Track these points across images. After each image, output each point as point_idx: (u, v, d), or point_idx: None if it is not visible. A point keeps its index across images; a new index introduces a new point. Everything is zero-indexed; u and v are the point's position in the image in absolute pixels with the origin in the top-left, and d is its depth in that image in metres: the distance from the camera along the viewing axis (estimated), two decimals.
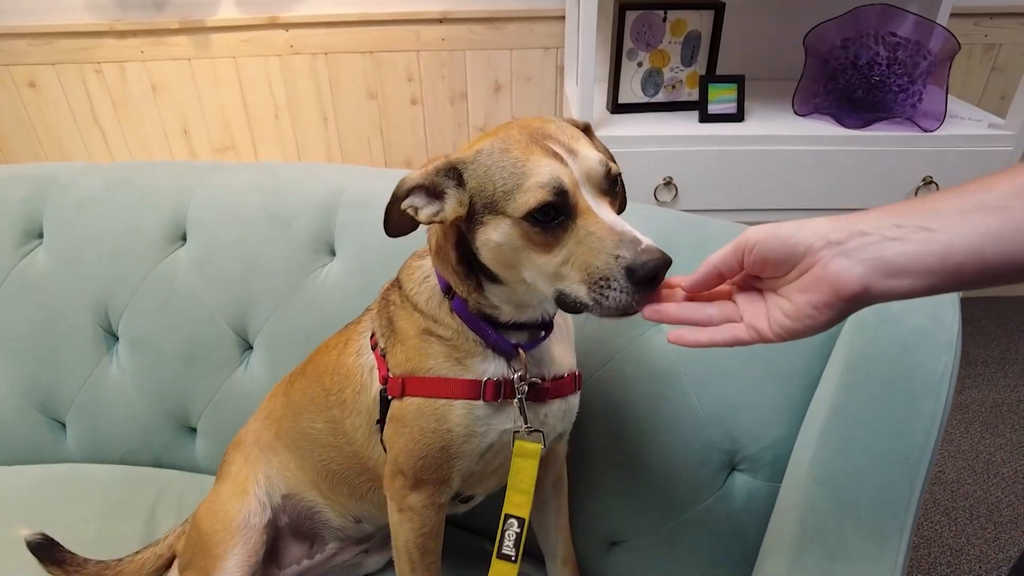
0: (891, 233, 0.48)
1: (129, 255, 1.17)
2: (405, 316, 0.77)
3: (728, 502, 0.90)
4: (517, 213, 0.61)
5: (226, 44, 2.06)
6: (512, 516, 0.73)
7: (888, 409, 0.75)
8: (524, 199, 0.60)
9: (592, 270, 0.59)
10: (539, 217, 0.60)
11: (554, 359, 0.78)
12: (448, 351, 0.74)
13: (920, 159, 1.54)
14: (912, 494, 0.71)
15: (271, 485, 0.94)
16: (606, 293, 0.58)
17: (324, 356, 0.89)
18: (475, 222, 0.65)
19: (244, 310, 1.13)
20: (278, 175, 1.16)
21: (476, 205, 0.64)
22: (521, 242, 0.62)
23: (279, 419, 0.94)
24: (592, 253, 0.59)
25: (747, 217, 1.62)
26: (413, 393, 0.75)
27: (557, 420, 0.80)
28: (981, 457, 1.91)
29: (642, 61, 1.66)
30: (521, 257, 0.64)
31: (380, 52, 2.06)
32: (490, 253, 0.66)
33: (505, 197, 0.62)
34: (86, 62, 2.07)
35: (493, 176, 0.63)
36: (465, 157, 0.65)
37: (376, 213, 1.00)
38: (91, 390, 1.21)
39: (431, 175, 0.66)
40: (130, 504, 1.14)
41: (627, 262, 0.57)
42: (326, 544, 0.95)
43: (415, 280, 0.78)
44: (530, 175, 0.60)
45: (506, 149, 0.63)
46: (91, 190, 1.19)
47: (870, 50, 1.59)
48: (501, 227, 0.63)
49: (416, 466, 0.76)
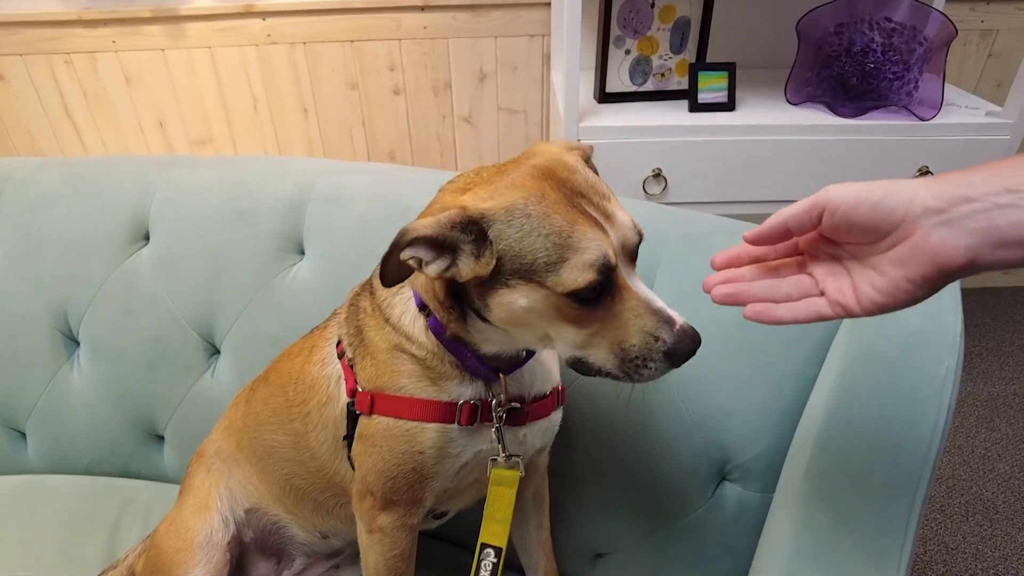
0: (1003, 199, 0.43)
1: (89, 256, 1.11)
2: (375, 327, 0.71)
3: (718, 513, 0.85)
4: (560, 288, 0.56)
5: (201, 33, 1.99)
6: (489, 545, 0.69)
7: (887, 416, 0.70)
8: (571, 277, 0.55)
9: (627, 347, 0.58)
10: (582, 296, 0.56)
11: (536, 377, 0.73)
12: (421, 371, 0.68)
13: (916, 148, 1.51)
14: (913, 508, 0.67)
15: (234, 499, 0.89)
16: (641, 371, 0.58)
17: (288, 363, 0.84)
18: (496, 283, 0.58)
19: (209, 313, 1.08)
20: (244, 169, 1.10)
21: (503, 268, 0.57)
22: (551, 313, 0.58)
23: (240, 429, 0.89)
24: (629, 332, 0.58)
25: (738, 209, 1.58)
26: (382, 412, 0.69)
27: (536, 438, 0.76)
28: (976, 452, 1.87)
29: (630, 48, 1.61)
30: (544, 324, 0.59)
31: (360, 41, 2.00)
32: (506, 314, 0.59)
33: (547, 269, 0.56)
34: (55, 53, 2.00)
35: (534, 244, 0.56)
36: (491, 213, 0.56)
37: (347, 209, 0.95)
38: (51, 398, 1.16)
39: (443, 228, 0.56)
40: (93, 517, 1.08)
41: (666, 347, 0.57)
42: (293, 560, 0.91)
43: (388, 290, 0.71)
44: (577, 250, 0.55)
45: (547, 214, 0.56)
46: (47, 188, 1.13)
47: (864, 36, 1.55)
48: (533, 296, 0.57)
49: (386, 487, 0.71)
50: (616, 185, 1.64)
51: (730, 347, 0.83)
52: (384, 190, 1.03)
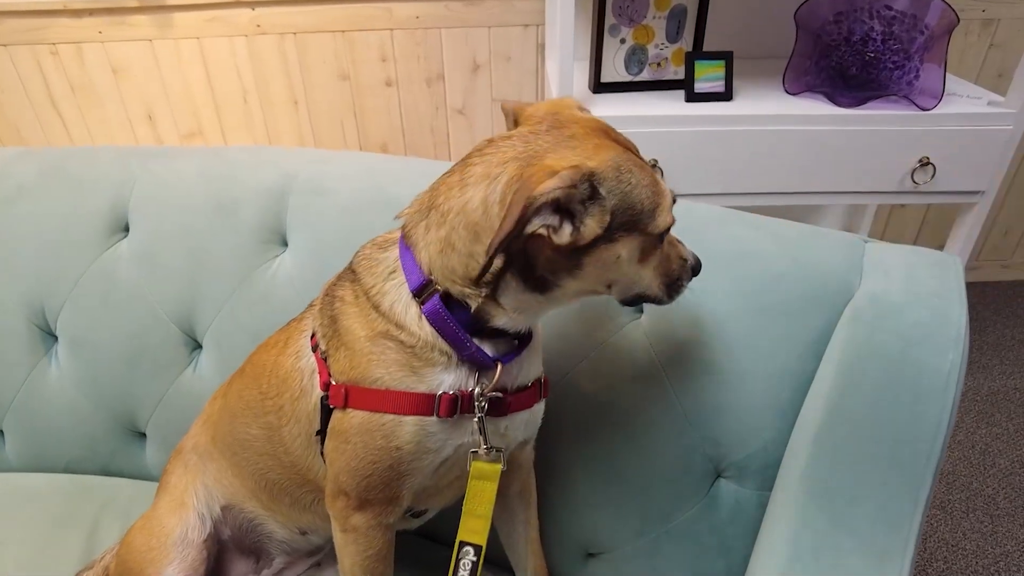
0: None
1: (66, 248, 1.08)
2: (356, 315, 0.68)
3: (713, 512, 0.83)
4: (657, 231, 0.62)
5: (189, 24, 1.95)
6: (467, 543, 0.66)
7: (889, 412, 0.68)
8: (664, 219, 0.62)
9: (671, 273, 0.68)
10: (664, 235, 0.65)
11: (522, 367, 0.71)
12: (405, 358, 0.65)
13: (917, 138, 1.48)
14: (916, 508, 0.64)
15: (210, 496, 0.87)
16: (679, 288, 0.70)
17: (263, 355, 0.81)
18: (602, 239, 0.60)
19: (191, 306, 1.05)
20: (225, 160, 1.07)
21: (612, 223, 0.59)
22: (638, 257, 0.63)
23: (216, 423, 0.87)
24: (671, 260, 0.68)
25: (735, 201, 1.55)
26: (357, 406, 0.66)
27: (518, 431, 0.73)
28: (977, 448, 1.85)
29: (625, 37, 1.57)
30: (631, 270, 0.64)
31: (352, 31, 1.97)
32: (600, 271, 0.62)
33: (648, 216, 0.61)
34: (40, 43, 1.96)
35: (640, 195, 0.60)
36: (600, 171, 0.58)
37: (332, 199, 0.90)
38: (29, 394, 1.13)
39: (569, 187, 0.55)
40: (72, 517, 1.05)
41: (692, 264, 0.70)
42: (273, 559, 0.88)
43: (378, 275, 0.68)
44: (663, 194, 0.63)
45: (641, 166, 0.62)
46: (23, 178, 1.10)
47: (864, 25, 1.52)
48: (632, 244, 0.62)
49: (360, 485, 0.68)
50: None
51: (725, 340, 0.80)
52: (369, 179, 1.00)
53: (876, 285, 0.76)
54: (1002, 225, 2.40)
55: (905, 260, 0.79)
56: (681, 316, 0.82)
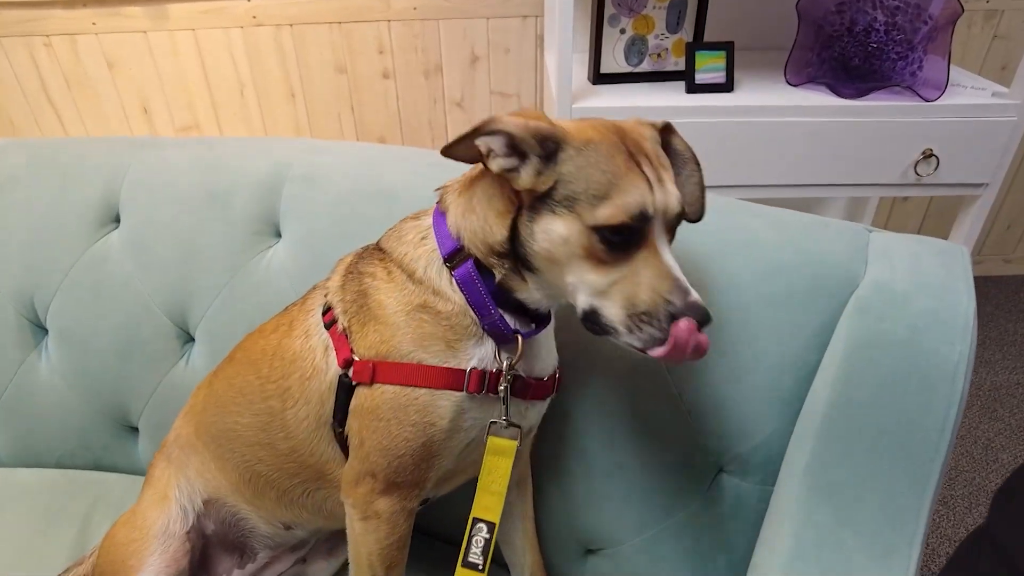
0: None
1: (56, 239, 1.06)
2: (391, 290, 0.68)
3: (714, 507, 0.81)
4: (592, 221, 0.59)
5: (184, 15, 1.93)
6: (481, 520, 0.66)
7: (895, 404, 0.66)
8: (606, 212, 0.58)
9: (637, 302, 0.59)
10: (609, 236, 0.59)
11: (540, 357, 0.71)
12: (442, 331, 0.66)
13: (920, 130, 1.46)
14: (923, 502, 0.62)
15: (192, 488, 0.85)
16: (643, 327, 0.59)
17: (260, 341, 0.79)
18: (544, 206, 0.61)
19: (183, 298, 1.03)
20: (217, 149, 1.05)
21: (556, 191, 0.60)
22: (581, 250, 0.60)
23: (200, 413, 0.85)
24: (643, 288, 0.59)
25: (737, 193, 1.53)
26: (385, 380, 0.66)
27: (535, 418, 0.74)
28: (980, 442, 1.84)
29: (625, 28, 1.55)
30: (573, 263, 0.61)
31: (349, 23, 1.95)
32: (544, 244, 0.61)
33: (590, 201, 0.59)
34: (33, 35, 1.94)
35: (590, 176, 0.59)
36: (570, 138, 0.60)
37: (325, 189, 0.90)
38: (19, 388, 1.11)
39: (528, 132, 0.59)
40: (63, 513, 1.04)
41: (674, 309, 0.58)
42: (256, 554, 0.86)
43: (409, 242, 0.69)
44: (622, 191, 0.59)
45: (612, 156, 0.60)
46: (13, 168, 1.08)
47: (867, 15, 1.50)
48: (571, 226, 0.60)
49: (392, 466, 0.67)
50: None
51: (726, 331, 0.79)
52: (363, 169, 0.98)
53: (881, 274, 0.74)
54: (1005, 219, 2.38)
55: (910, 249, 0.77)
56: None
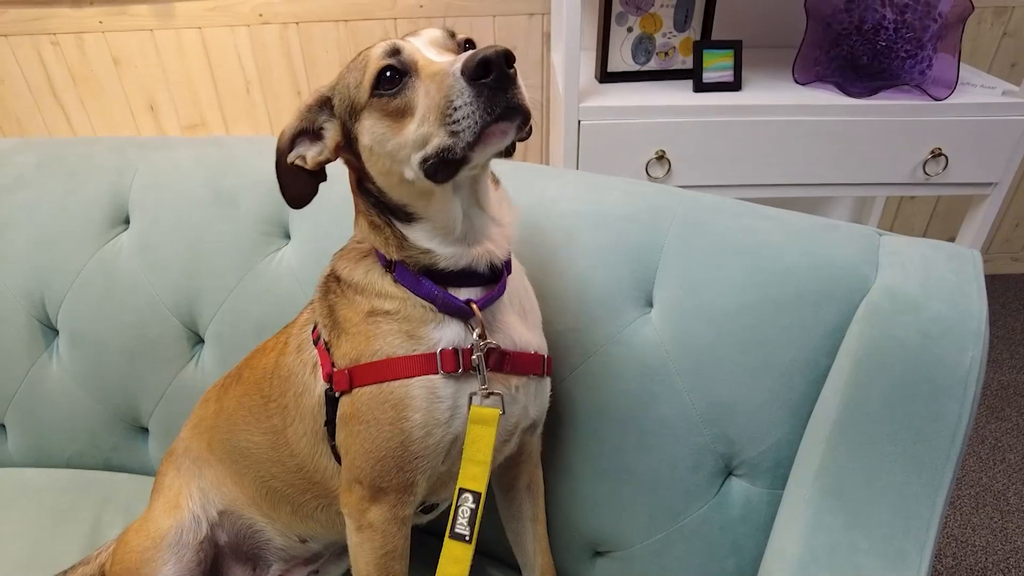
0: None
1: (66, 241, 1.06)
2: (346, 303, 0.71)
3: (724, 511, 0.81)
4: (364, 94, 0.61)
5: (190, 13, 1.93)
6: (467, 490, 0.66)
7: (907, 409, 0.66)
8: (368, 73, 0.61)
9: (443, 107, 0.56)
10: (384, 90, 0.60)
11: (514, 329, 0.72)
12: (398, 326, 0.67)
13: (929, 129, 1.45)
14: (935, 508, 0.62)
15: (206, 499, 0.86)
16: (457, 119, 0.55)
17: (262, 359, 0.81)
18: (353, 143, 0.65)
19: (192, 300, 1.03)
20: (226, 150, 1.05)
21: (346, 124, 0.64)
22: (383, 127, 0.61)
23: (211, 429, 0.86)
24: (438, 92, 0.56)
25: (744, 193, 1.53)
26: (362, 382, 0.67)
27: (530, 401, 0.73)
28: (987, 442, 1.83)
29: (632, 26, 1.55)
30: (390, 146, 0.61)
31: (355, 20, 1.94)
32: (373, 161, 0.64)
33: (357, 91, 0.62)
34: (41, 33, 1.94)
35: (348, 82, 0.63)
36: (333, 83, 0.66)
37: (336, 189, 0.90)
38: (30, 388, 1.12)
39: (304, 113, 0.66)
40: (73, 513, 1.04)
41: (459, 67, 0.54)
42: (270, 566, 0.87)
43: (350, 260, 0.74)
44: (370, 57, 0.62)
45: (360, 54, 0.64)
46: (22, 169, 1.08)
47: (876, 13, 1.49)
48: (365, 123, 0.62)
49: (375, 470, 0.67)
50: (618, 167, 1.56)
51: (736, 335, 0.78)
52: None
53: (893, 279, 0.73)
54: (1013, 217, 2.37)
55: (922, 253, 0.77)
56: (690, 309, 0.81)
